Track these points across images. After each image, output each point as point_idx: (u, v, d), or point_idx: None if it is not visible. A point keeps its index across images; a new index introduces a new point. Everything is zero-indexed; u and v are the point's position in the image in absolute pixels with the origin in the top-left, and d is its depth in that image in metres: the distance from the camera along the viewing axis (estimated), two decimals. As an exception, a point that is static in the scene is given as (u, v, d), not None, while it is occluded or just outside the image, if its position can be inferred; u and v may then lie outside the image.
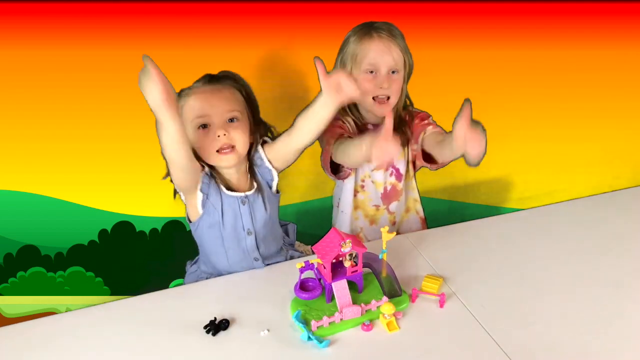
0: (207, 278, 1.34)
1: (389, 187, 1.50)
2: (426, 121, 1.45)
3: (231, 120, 1.21)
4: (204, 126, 1.20)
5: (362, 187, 1.50)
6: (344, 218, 1.52)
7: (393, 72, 1.38)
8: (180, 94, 1.23)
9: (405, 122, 1.48)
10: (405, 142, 1.48)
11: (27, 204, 1.54)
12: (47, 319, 1.19)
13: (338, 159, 1.36)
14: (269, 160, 1.28)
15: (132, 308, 1.20)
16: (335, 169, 1.43)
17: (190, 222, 1.31)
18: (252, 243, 1.29)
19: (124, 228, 1.63)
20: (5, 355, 1.07)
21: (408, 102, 1.49)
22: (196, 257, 1.42)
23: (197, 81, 1.25)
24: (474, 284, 1.21)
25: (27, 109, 1.45)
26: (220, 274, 1.33)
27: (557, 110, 1.84)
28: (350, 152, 1.28)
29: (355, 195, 1.50)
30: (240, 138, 1.21)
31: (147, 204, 1.62)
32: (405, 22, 1.42)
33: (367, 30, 1.38)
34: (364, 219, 1.52)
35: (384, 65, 1.36)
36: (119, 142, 1.52)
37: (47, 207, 1.55)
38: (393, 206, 1.52)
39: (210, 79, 1.24)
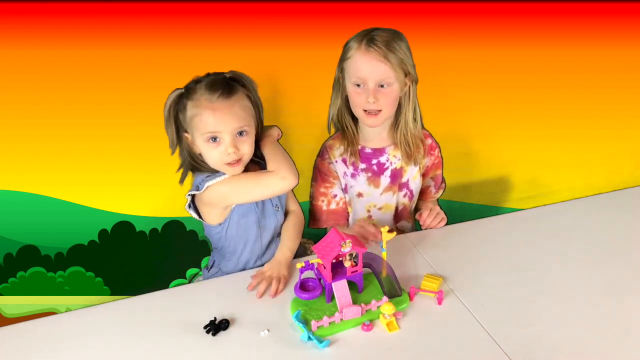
0: None
1: (400, 207, 1.51)
2: (438, 184, 1.55)
3: (240, 133, 1.23)
4: (214, 139, 1.22)
5: (370, 217, 1.50)
6: None
7: (382, 85, 1.34)
8: (189, 96, 1.22)
9: (423, 148, 1.47)
10: (418, 162, 1.48)
11: (27, 204, 1.54)
12: (47, 319, 1.19)
13: None
14: None
15: (132, 308, 1.20)
16: None
17: (215, 225, 1.31)
18: (282, 217, 1.36)
19: (124, 228, 1.63)
20: (5, 355, 1.07)
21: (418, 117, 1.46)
22: (211, 262, 1.42)
23: (210, 89, 1.20)
24: (474, 283, 1.21)
25: (27, 109, 1.45)
26: (244, 269, 1.34)
27: (557, 110, 1.84)
28: None
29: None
30: (247, 149, 1.25)
31: (147, 204, 1.62)
32: (405, 22, 1.42)
33: (362, 40, 1.33)
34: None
35: (370, 79, 1.32)
36: (119, 142, 1.52)
37: (47, 207, 1.55)
38: (401, 224, 1.53)
39: (223, 91, 1.21)
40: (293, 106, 1.57)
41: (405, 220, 1.53)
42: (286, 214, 1.40)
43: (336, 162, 1.47)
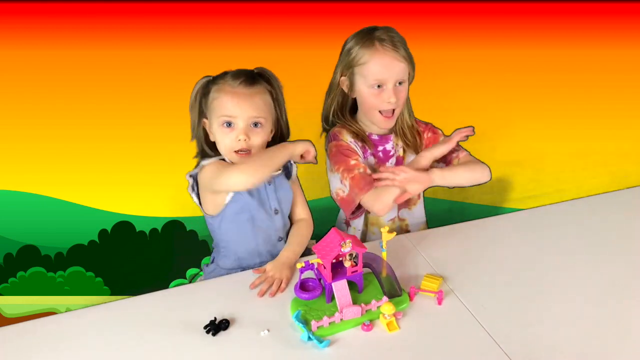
0: (227, 274, 1.34)
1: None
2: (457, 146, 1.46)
3: (255, 124, 1.25)
4: (229, 124, 1.24)
5: None
6: (357, 235, 1.50)
7: (400, 83, 1.37)
8: (215, 82, 1.25)
9: (418, 132, 1.48)
10: (417, 152, 1.48)
11: (27, 204, 1.54)
12: (47, 319, 1.19)
13: (376, 207, 1.37)
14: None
15: (132, 308, 1.20)
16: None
17: (211, 216, 1.32)
18: (280, 222, 1.35)
19: (124, 228, 1.63)
20: (5, 355, 1.07)
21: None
22: (212, 258, 1.43)
23: (235, 76, 1.24)
24: (474, 283, 1.21)
25: (27, 109, 1.46)
26: (241, 265, 1.34)
27: (557, 110, 1.84)
28: (390, 198, 1.36)
29: (368, 213, 1.48)
30: (258, 143, 1.26)
31: (147, 204, 1.62)
32: (404, 22, 1.42)
33: (370, 40, 1.34)
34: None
35: (390, 79, 1.34)
36: (119, 142, 1.52)
37: (47, 207, 1.55)
38: (403, 213, 1.52)
39: (246, 79, 1.24)
40: (293, 106, 1.57)
41: (407, 209, 1.52)
42: (296, 222, 1.39)
43: (350, 143, 1.44)
